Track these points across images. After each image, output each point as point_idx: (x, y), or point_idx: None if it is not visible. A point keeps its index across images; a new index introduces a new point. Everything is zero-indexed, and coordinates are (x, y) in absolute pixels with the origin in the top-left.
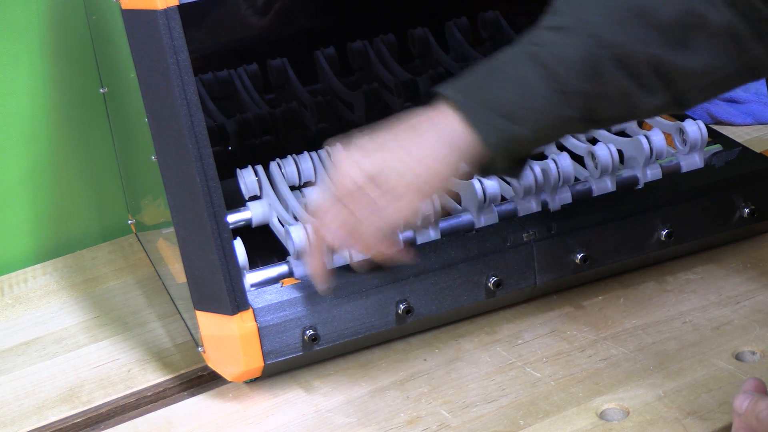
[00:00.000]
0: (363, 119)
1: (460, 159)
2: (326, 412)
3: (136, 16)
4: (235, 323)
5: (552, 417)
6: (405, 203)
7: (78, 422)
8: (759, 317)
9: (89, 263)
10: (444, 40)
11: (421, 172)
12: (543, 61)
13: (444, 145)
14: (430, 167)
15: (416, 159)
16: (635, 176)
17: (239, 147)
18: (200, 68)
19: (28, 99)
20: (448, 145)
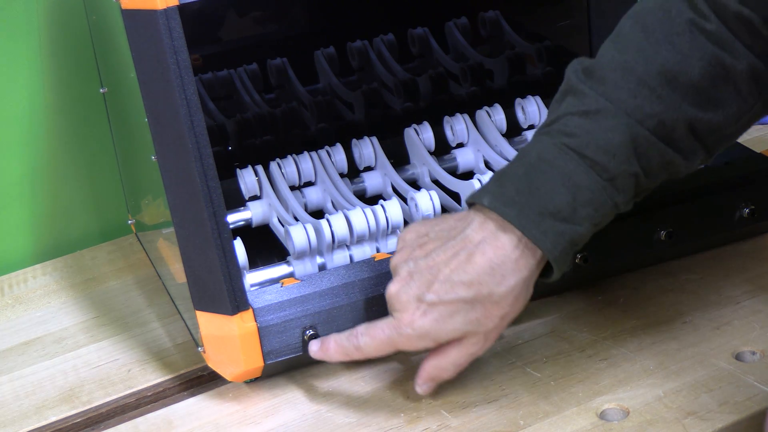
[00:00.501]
0: (363, 119)
1: (530, 284)
2: (326, 412)
3: (136, 16)
4: (235, 323)
5: (552, 417)
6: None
7: (78, 422)
8: (759, 317)
9: (89, 263)
10: (444, 40)
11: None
12: (584, 153)
13: (515, 281)
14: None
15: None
16: None
17: (239, 147)
18: (200, 68)
19: (27, 99)
20: (519, 279)
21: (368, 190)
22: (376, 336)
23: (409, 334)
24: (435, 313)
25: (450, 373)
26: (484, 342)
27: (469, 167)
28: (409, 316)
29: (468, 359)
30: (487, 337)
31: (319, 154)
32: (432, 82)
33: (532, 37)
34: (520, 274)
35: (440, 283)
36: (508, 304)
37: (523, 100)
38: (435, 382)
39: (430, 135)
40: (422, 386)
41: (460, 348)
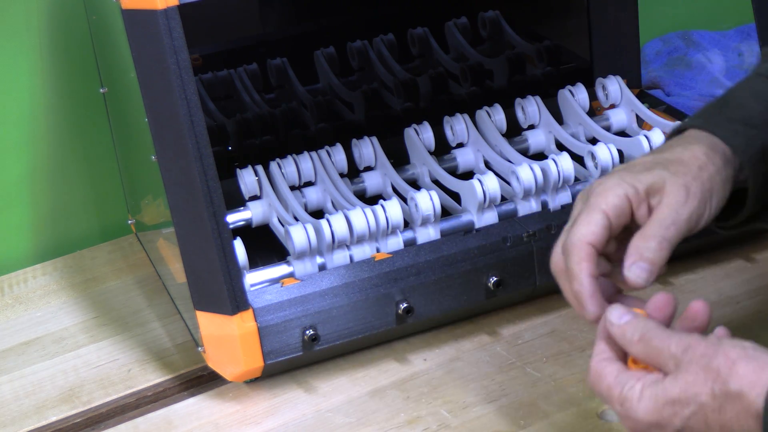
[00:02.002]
0: (363, 119)
1: (723, 167)
2: (326, 412)
3: (136, 16)
4: (235, 323)
5: (552, 417)
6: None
7: (78, 422)
8: (759, 317)
9: (89, 263)
10: (444, 40)
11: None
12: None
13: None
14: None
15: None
16: None
17: (239, 147)
18: (200, 68)
19: (27, 99)
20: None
21: (368, 190)
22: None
23: (602, 187)
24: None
25: (657, 239)
26: (687, 194)
27: (469, 167)
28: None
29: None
30: (689, 190)
31: (319, 154)
32: (432, 82)
33: (532, 37)
34: (707, 171)
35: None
36: (701, 157)
37: (523, 100)
38: (643, 259)
39: (430, 135)
40: (630, 268)
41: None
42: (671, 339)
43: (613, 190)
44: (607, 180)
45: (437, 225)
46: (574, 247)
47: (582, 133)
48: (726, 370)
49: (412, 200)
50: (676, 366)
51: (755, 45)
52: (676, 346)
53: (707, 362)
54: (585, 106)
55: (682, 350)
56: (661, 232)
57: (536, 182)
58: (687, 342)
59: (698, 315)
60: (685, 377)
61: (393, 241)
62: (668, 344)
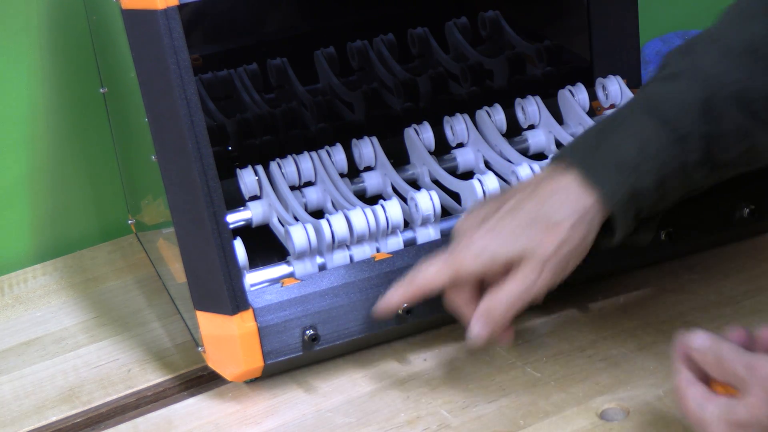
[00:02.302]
0: (363, 119)
1: (588, 222)
2: (326, 412)
3: (136, 16)
4: (235, 323)
5: (552, 417)
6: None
7: (78, 422)
8: (759, 317)
9: (89, 263)
10: (444, 40)
11: (553, 241)
12: (658, 110)
13: (571, 211)
14: (561, 233)
15: (545, 225)
16: None
17: (239, 147)
18: (200, 68)
19: (27, 99)
20: (575, 209)
21: (368, 190)
22: (433, 262)
23: (467, 252)
24: (495, 230)
25: (503, 308)
26: (540, 273)
27: (469, 167)
28: (468, 237)
29: (522, 293)
30: (543, 268)
31: (319, 154)
32: (432, 82)
33: (532, 37)
34: (580, 203)
35: (506, 207)
36: (566, 229)
37: (523, 100)
38: (487, 321)
39: (430, 135)
40: (473, 327)
41: (514, 278)
42: (739, 360)
43: (473, 261)
44: (474, 240)
45: (437, 225)
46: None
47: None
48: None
49: (412, 200)
50: (743, 388)
51: None
52: (742, 367)
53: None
54: (585, 106)
55: (748, 371)
56: (507, 302)
57: None
58: (752, 363)
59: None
60: (749, 399)
61: (393, 241)
62: (736, 366)
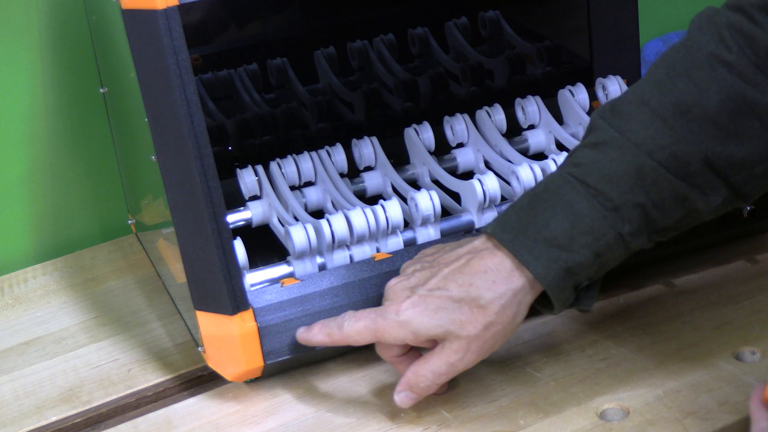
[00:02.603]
0: (363, 119)
1: (517, 303)
2: (326, 412)
3: (136, 16)
4: (235, 323)
5: (552, 417)
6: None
7: (78, 422)
8: (759, 317)
9: (89, 263)
10: (444, 40)
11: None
12: (587, 181)
13: (501, 292)
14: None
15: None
16: None
17: (239, 147)
18: (200, 68)
19: (27, 99)
20: (504, 291)
21: (368, 190)
22: (360, 318)
23: (391, 321)
24: (422, 305)
25: (428, 382)
26: (465, 352)
27: (469, 167)
28: (397, 304)
29: (448, 369)
30: (469, 348)
31: (319, 154)
32: (432, 82)
33: (532, 37)
34: (511, 284)
35: (436, 279)
36: (494, 311)
37: (523, 100)
38: (413, 391)
39: (430, 135)
40: (399, 394)
41: (440, 354)
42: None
43: (394, 333)
44: (398, 313)
45: (437, 225)
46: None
47: (582, 133)
48: None
49: (412, 200)
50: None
51: None
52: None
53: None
54: (585, 106)
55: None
56: (432, 377)
57: (536, 182)
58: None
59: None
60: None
61: (393, 241)
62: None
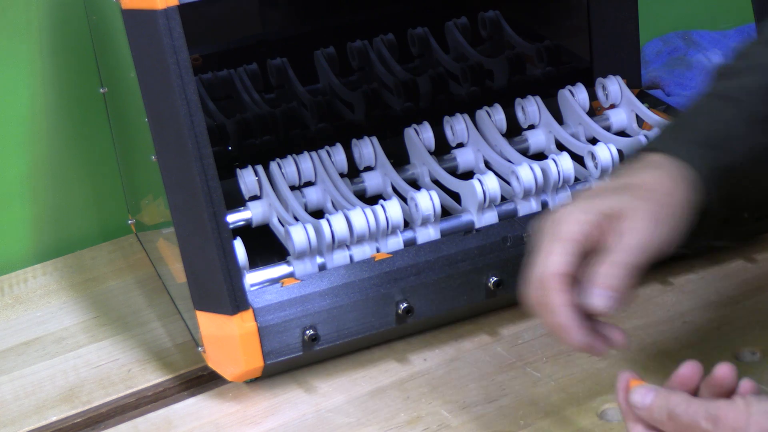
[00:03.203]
0: (363, 119)
1: (682, 190)
2: (326, 412)
3: (136, 16)
4: (235, 323)
5: (552, 417)
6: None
7: (78, 422)
8: (759, 317)
9: (89, 263)
10: (444, 40)
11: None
12: (732, 96)
13: (666, 178)
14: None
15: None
16: None
17: (239, 147)
18: (200, 68)
19: (28, 99)
20: (668, 177)
21: (368, 190)
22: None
23: (571, 209)
24: (594, 197)
25: (623, 264)
26: (655, 221)
27: (469, 167)
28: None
29: (644, 244)
30: (657, 216)
31: (319, 154)
32: (432, 82)
33: (532, 37)
34: (672, 173)
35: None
36: (663, 191)
37: (523, 100)
38: (609, 281)
39: (430, 135)
40: (596, 293)
41: (629, 229)
42: (699, 413)
43: (577, 216)
44: (570, 207)
45: (437, 225)
46: (546, 281)
47: (582, 133)
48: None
49: (412, 200)
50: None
51: None
52: (705, 420)
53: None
54: (585, 106)
55: (713, 425)
56: (627, 259)
57: (536, 182)
58: (715, 414)
59: (725, 380)
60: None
61: (393, 241)
62: (698, 420)
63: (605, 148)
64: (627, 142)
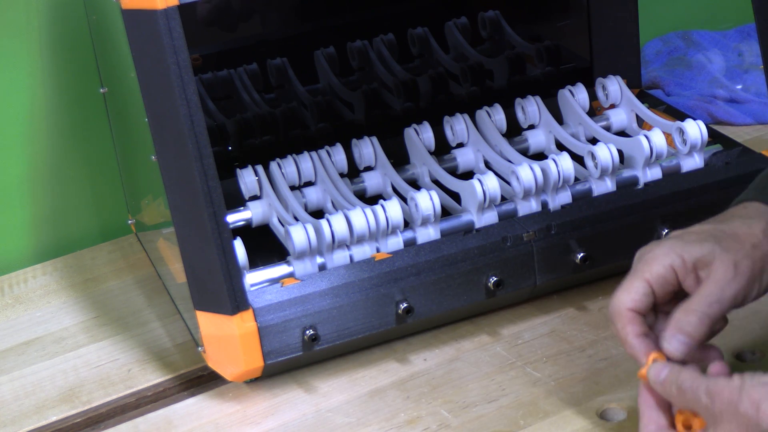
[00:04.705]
0: (363, 119)
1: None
2: (326, 412)
3: (136, 16)
4: (235, 323)
5: (552, 417)
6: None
7: (78, 422)
8: (759, 317)
9: (89, 263)
10: (444, 40)
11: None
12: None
13: (758, 222)
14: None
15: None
16: (635, 176)
17: (239, 147)
18: (200, 68)
19: (27, 99)
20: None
21: (368, 190)
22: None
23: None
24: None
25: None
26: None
27: (469, 167)
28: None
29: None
30: (738, 266)
31: (319, 154)
32: (432, 82)
33: (532, 37)
34: (764, 217)
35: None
36: (756, 234)
37: (523, 100)
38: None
39: (430, 135)
40: (670, 340)
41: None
42: (700, 389)
43: (660, 260)
44: (657, 247)
45: (437, 225)
46: (617, 314)
47: (582, 133)
48: (753, 413)
49: (412, 200)
50: (712, 419)
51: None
52: (705, 396)
53: (735, 409)
54: (585, 106)
55: (711, 400)
56: (704, 308)
57: (536, 182)
58: (712, 390)
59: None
60: (721, 427)
61: (393, 241)
62: (699, 395)
63: (605, 148)
64: (627, 142)
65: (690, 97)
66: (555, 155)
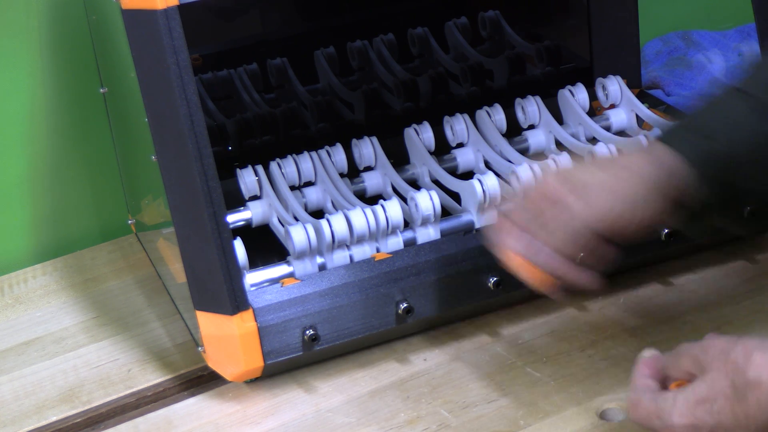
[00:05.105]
0: (363, 119)
1: (666, 181)
2: (326, 412)
3: (136, 16)
4: (235, 323)
5: (552, 417)
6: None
7: (78, 422)
8: (759, 317)
9: (89, 263)
10: (444, 40)
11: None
12: (739, 87)
13: (648, 162)
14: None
15: (615, 175)
16: None
17: (239, 147)
18: (200, 68)
19: (27, 99)
20: (652, 161)
21: (368, 190)
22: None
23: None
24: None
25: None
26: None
27: (469, 167)
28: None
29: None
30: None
31: (319, 154)
32: (432, 82)
33: (532, 37)
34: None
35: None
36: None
37: (523, 100)
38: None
39: (430, 135)
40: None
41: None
42: (694, 347)
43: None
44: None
45: (437, 225)
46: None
47: (582, 133)
48: (743, 360)
49: (412, 200)
50: (701, 368)
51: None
52: (698, 348)
53: (726, 356)
54: (585, 106)
55: (703, 351)
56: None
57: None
58: (707, 342)
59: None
60: (709, 375)
61: (393, 241)
62: (693, 351)
63: (605, 148)
64: (627, 142)
65: (690, 97)
66: (555, 155)
